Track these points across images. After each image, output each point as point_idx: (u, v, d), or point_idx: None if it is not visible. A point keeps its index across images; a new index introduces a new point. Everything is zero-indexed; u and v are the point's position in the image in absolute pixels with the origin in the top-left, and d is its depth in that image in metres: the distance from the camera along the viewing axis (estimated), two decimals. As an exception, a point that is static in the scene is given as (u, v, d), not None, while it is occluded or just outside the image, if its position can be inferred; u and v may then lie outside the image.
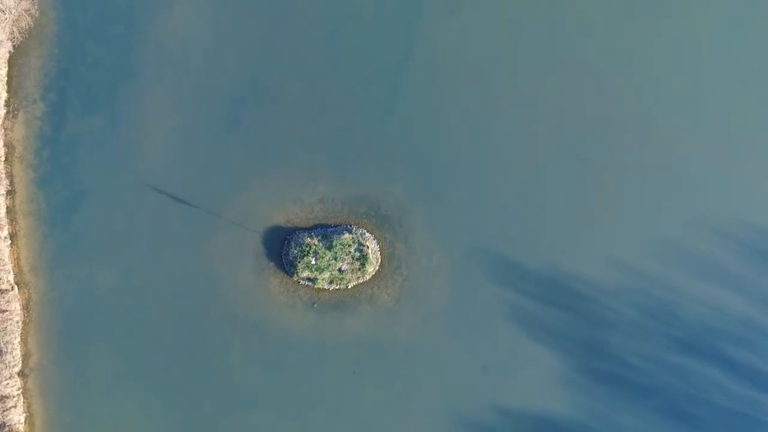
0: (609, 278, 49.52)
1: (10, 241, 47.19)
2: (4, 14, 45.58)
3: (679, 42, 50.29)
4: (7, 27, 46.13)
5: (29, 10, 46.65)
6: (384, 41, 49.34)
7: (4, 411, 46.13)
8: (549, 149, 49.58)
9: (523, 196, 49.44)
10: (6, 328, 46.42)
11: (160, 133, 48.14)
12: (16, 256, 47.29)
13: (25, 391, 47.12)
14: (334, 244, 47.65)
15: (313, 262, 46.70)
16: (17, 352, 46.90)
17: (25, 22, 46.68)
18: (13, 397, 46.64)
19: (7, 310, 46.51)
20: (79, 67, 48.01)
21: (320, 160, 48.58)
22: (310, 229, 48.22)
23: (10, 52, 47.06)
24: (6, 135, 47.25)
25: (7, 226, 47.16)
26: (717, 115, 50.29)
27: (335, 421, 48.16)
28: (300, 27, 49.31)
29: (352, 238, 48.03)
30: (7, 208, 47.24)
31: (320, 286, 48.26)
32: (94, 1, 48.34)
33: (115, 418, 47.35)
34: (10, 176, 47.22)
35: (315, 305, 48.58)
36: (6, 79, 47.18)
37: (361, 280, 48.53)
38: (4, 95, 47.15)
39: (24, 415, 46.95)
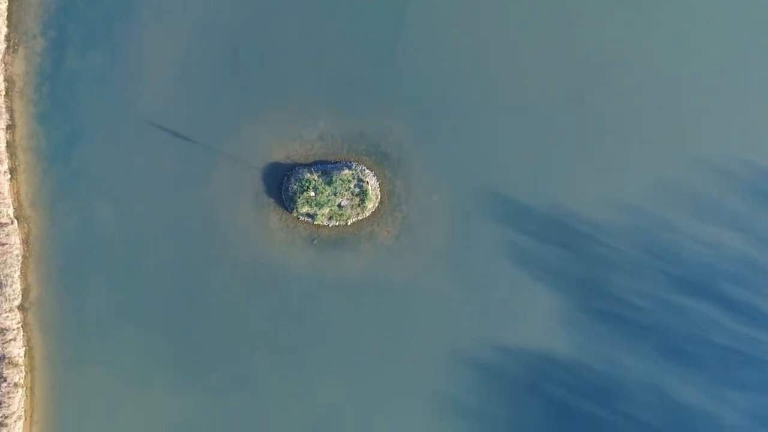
0: (609, 217, 49.05)
1: (9, 176, 46.85)
2: (4, -53, 45.40)
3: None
4: (7, -39, 45.94)
5: (29, -57, 46.45)
6: (386, 5, 49.13)
7: (3, 343, 45.84)
8: (549, 89, 48.92)
9: (524, 136, 48.81)
10: (6, 261, 46.11)
11: (159, 70, 47.73)
12: (15, 190, 46.96)
13: (24, 325, 46.80)
14: (333, 179, 47.28)
15: (313, 194, 46.33)
16: (17, 286, 46.58)
17: (25, -44, 46.49)
18: (13, 330, 46.32)
19: (6, 244, 46.20)
20: (79, 3, 47.68)
21: (320, 98, 48.10)
22: (309, 165, 47.81)
23: (10, -13, 46.88)
24: (6, 70, 46.92)
25: (6, 161, 46.84)
26: (717, 56, 49.77)
27: (334, 359, 47.74)
28: (300, -35, 49.07)
29: (352, 174, 47.64)
30: (7, 142, 46.89)
31: (320, 222, 47.89)
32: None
33: (114, 354, 46.93)
34: (10, 111, 46.89)
35: (314, 242, 48.22)
36: (6, 14, 46.82)
37: (360, 217, 48.15)
38: (5, 30, 46.82)
39: (24, 348, 46.67)
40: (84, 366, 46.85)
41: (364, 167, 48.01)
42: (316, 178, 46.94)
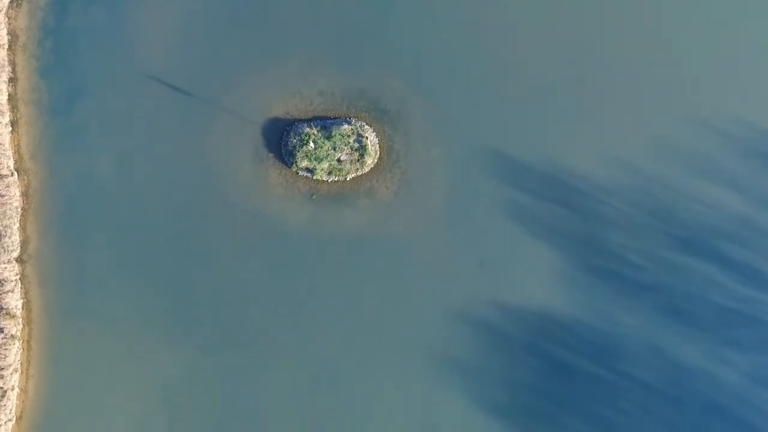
0: (608, 176, 48.84)
1: (11, 128, 46.85)
2: None
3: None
4: None
5: None
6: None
7: (1, 294, 45.55)
8: (547, 49, 49.10)
9: (523, 94, 48.72)
10: (5, 212, 45.94)
11: (161, 26, 47.85)
12: (16, 143, 46.94)
13: (23, 278, 46.51)
14: (333, 134, 47.27)
15: (312, 146, 46.32)
16: (16, 238, 46.37)
17: None
18: (11, 281, 46.04)
19: (5, 195, 46.06)
20: (83, -40, 48.18)
21: (320, 54, 48.20)
22: (309, 121, 47.87)
23: (15, -58, 47.26)
24: (9, 24, 47.14)
25: (8, 113, 46.85)
26: (716, 17, 50.13)
27: (331, 314, 47.37)
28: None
29: (351, 129, 47.64)
30: (9, 95, 46.95)
31: (319, 177, 47.81)
32: None
33: (111, 306, 46.54)
34: (12, 64, 47.01)
35: (314, 197, 48.10)
36: (10, -31, 47.32)
37: (359, 172, 48.06)
38: (8, -16, 47.29)
39: (21, 300, 46.34)
40: (81, 319, 46.49)
41: (364, 123, 48.04)
42: (315, 132, 46.96)
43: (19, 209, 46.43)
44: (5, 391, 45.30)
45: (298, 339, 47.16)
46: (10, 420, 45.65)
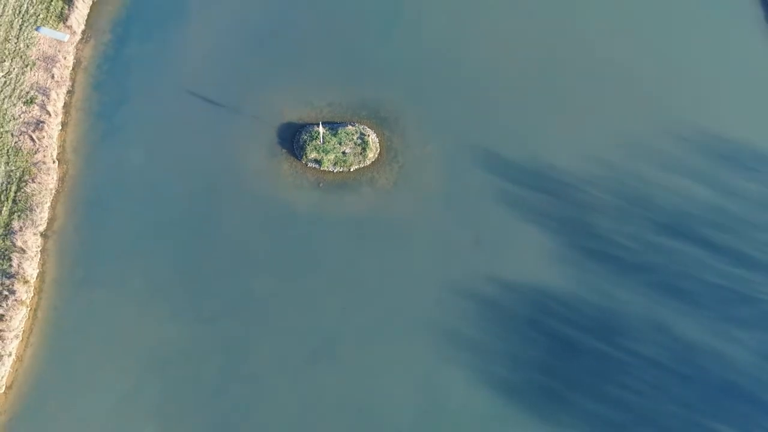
0: (586, 169, 52.93)
1: (60, 127, 53.23)
2: (95, -28, 58.89)
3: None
4: (95, -18, 59.10)
5: (114, -28, 60.16)
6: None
7: (21, 260, 47.21)
8: (527, 60, 56.91)
9: (503, 101, 55.12)
10: (41, 192, 49.89)
11: (196, 53, 56.53)
12: (63, 138, 52.88)
13: (43, 250, 48.47)
14: (339, 132, 53.26)
15: (321, 141, 51.93)
16: (45, 215, 49.55)
17: (109, -20, 59.86)
18: (33, 251, 47.96)
19: (44, 178, 50.61)
20: (143, 13, 59.22)
21: (329, 73, 56.40)
22: (318, 123, 54.36)
23: (93, 1, 59.23)
24: (77, 53, 56.68)
25: (61, 115, 53.73)
26: (668, 40, 58.54)
27: (334, 288, 47.89)
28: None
29: (355, 129, 53.73)
30: (65, 102, 54.35)
31: (325, 167, 52.48)
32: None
33: (121, 279, 47.54)
34: (72, 80, 55.34)
35: (320, 185, 52.15)
36: (86, 18, 58.37)
37: (362, 165, 52.81)
38: (83, 27, 57.71)
39: (37, 270, 47.75)
40: (89, 291, 47.12)
41: (366, 126, 54.43)
42: (324, 130, 53.13)
43: (53, 191, 50.53)
44: (1, 356, 44.32)
45: (301, 310, 47.09)
46: (0, 387, 43.91)
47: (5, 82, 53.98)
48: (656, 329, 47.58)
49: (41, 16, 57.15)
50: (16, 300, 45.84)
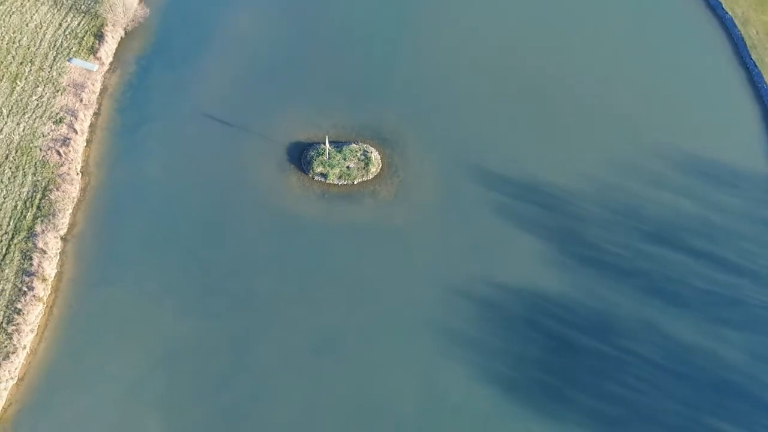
0: (575, 184, 56.37)
1: (86, 144, 57.17)
2: (125, 13, 65.05)
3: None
4: (124, 21, 65.11)
5: (142, 13, 66.31)
6: (381, 32, 67.07)
7: (41, 260, 49.59)
8: (520, 88, 62.18)
9: (494, 122, 59.99)
10: (64, 200, 52.87)
11: (214, 81, 61.74)
12: (87, 154, 56.66)
13: (62, 253, 50.97)
14: (343, 150, 57.11)
15: (328, 147, 55.76)
16: (66, 221, 52.37)
17: (137, 20, 65.88)
18: (53, 252, 50.36)
19: (68, 188, 53.88)
20: (167, 49, 64.88)
21: (334, 99, 61.10)
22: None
23: (122, 36, 64.96)
24: (104, 81, 61.63)
25: (86, 134, 57.78)
26: (648, 70, 63.88)
27: (337, 289, 49.87)
28: (321, 23, 67.88)
29: (359, 147, 57.62)
30: (91, 123, 58.60)
31: (331, 180, 55.85)
32: (183, 12, 68.53)
33: (135, 280, 49.63)
34: (99, 104, 59.91)
35: (326, 196, 55.36)
36: (114, 51, 63.95)
37: (365, 178, 56.25)
38: (111, 59, 63.14)
39: (56, 271, 50.06)
40: (103, 290, 49.16)
41: (368, 145, 58.42)
42: (329, 147, 57.06)
43: (75, 200, 53.69)
44: (16, 348, 45.82)
45: (306, 309, 48.84)
46: (12, 379, 45.03)
47: (37, 104, 58.59)
48: (648, 328, 49.17)
49: (74, 49, 62.73)
50: (34, 296, 47.90)
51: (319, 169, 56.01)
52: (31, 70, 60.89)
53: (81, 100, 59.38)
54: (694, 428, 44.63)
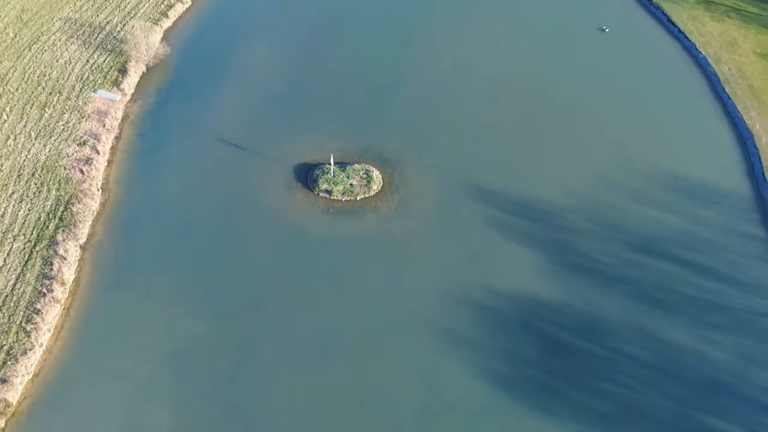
0: (566, 200, 59.86)
1: (106, 164, 61.16)
2: (147, 51, 70.87)
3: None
4: (146, 58, 70.85)
5: (163, 51, 72.19)
6: (384, 65, 72.52)
7: (61, 265, 52.41)
8: (515, 112, 66.97)
9: (490, 145, 63.92)
10: (84, 212, 56.23)
11: (228, 109, 66.50)
12: (107, 173, 60.62)
13: (81, 260, 53.83)
14: (347, 169, 61.06)
15: (332, 166, 59.60)
16: (86, 231, 55.53)
17: (158, 57, 71.67)
18: (72, 259, 53.28)
19: (89, 202, 57.42)
20: (184, 82, 70.21)
21: (340, 127, 65.78)
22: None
23: (144, 71, 70.55)
24: (126, 109, 66.48)
25: (108, 155, 61.89)
26: (633, 97, 68.90)
27: (341, 295, 52.38)
28: (329, 57, 73.43)
29: (361, 167, 61.54)
30: (112, 146, 62.84)
31: (335, 196, 59.38)
32: (201, 50, 74.40)
33: (149, 285, 52.18)
34: (120, 129, 64.45)
35: (330, 211, 58.76)
36: (136, 84, 69.29)
37: (367, 195, 59.80)
38: (133, 90, 68.40)
39: (74, 276, 52.76)
40: (118, 293, 51.59)
41: (371, 165, 62.42)
42: (334, 167, 61.04)
43: (95, 213, 57.08)
44: (33, 346, 47.96)
45: (311, 314, 51.12)
46: (27, 374, 46.90)
47: (63, 128, 63.15)
48: (638, 331, 51.28)
49: (99, 81, 68.04)
50: (52, 298, 50.42)
51: (324, 186, 59.74)
52: (59, 99, 65.88)
53: (104, 125, 63.97)
54: (683, 422, 46.02)
